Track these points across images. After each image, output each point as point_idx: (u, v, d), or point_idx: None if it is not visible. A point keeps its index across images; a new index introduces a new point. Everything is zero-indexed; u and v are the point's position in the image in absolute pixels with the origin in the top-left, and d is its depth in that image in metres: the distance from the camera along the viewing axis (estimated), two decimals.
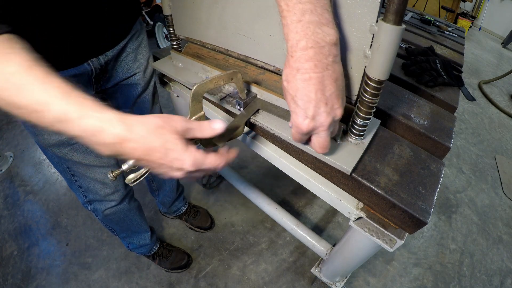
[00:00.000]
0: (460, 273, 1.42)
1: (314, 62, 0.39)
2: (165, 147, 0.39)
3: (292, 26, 0.38)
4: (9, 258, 1.38)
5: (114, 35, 0.68)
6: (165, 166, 0.41)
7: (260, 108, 0.65)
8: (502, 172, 2.01)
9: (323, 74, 0.39)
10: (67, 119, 0.36)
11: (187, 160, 0.40)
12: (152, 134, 0.38)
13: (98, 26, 0.61)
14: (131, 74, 0.79)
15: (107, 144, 0.37)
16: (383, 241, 0.59)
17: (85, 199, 0.88)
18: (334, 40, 0.39)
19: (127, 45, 0.73)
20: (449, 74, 0.89)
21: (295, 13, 0.38)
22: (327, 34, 0.38)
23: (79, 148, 0.72)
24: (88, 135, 0.37)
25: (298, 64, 0.39)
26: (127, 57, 0.76)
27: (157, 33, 2.76)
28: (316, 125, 0.43)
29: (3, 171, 1.79)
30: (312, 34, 0.38)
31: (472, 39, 4.22)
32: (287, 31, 0.39)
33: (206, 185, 1.66)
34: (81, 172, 0.79)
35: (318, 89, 0.40)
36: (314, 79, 0.39)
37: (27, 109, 0.35)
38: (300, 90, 0.40)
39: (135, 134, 0.37)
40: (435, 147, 0.66)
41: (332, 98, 0.41)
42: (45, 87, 0.35)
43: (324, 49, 0.38)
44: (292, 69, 0.40)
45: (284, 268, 1.37)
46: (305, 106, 0.41)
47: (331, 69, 0.40)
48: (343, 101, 0.44)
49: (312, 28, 0.38)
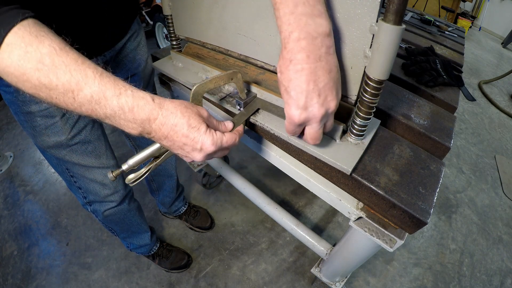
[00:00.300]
0: (460, 273, 1.42)
1: (306, 53, 0.39)
2: (189, 124, 0.42)
3: (285, 18, 0.39)
4: (9, 258, 1.38)
5: (114, 35, 0.67)
6: (187, 147, 0.43)
7: (260, 107, 0.65)
8: (502, 172, 2.01)
9: (316, 65, 0.39)
10: (103, 97, 0.37)
11: (207, 140, 0.43)
12: (179, 111, 0.42)
13: (98, 25, 0.61)
14: (130, 75, 0.79)
15: (139, 121, 0.40)
16: (383, 241, 0.59)
17: (84, 200, 0.88)
18: (327, 31, 0.39)
19: (126, 46, 0.73)
20: (449, 74, 0.89)
21: (287, 5, 0.38)
22: (319, 25, 0.38)
23: (77, 149, 0.72)
24: (122, 113, 0.39)
25: (291, 55, 0.39)
26: (126, 58, 0.75)
27: (157, 33, 2.76)
28: (309, 117, 0.43)
29: (3, 171, 1.80)
30: (305, 25, 0.38)
31: (472, 39, 4.22)
32: (280, 23, 0.40)
33: (206, 185, 1.66)
34: (80, 173, 0.79)
35: (311, 80, 0.40)
36: (306, 70, 0.39)
37: (61, 90, 0.36)
38: (292, 80, 0.40)
39: (165, 109, 0.41)
40: (435, 147, 0.66)
41: (326, 90, 0.41)
42: (80, 68, 0.36)
43: (316, 40, 0.39)
44: (285, 60, 0.40)
45: (284, 268, 1.37)
46: (297, 96, 0.41)
47: (324, 60, 0.40)
48: (338, 94, 0.44)
49: (304, 19, 0.38)
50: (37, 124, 0.63)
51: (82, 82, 0.36)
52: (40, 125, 0.63)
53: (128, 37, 0.72)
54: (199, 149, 0.44)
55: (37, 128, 0.63)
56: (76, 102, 0.37)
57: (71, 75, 0.36)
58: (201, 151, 0.44)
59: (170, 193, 1.31)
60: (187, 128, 0.42)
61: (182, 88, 0.92)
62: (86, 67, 0.37)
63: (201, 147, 0.43)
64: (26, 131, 0.66)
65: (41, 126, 0.63)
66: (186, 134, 0.42)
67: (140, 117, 0.40)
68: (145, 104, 0.40)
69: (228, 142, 0.47)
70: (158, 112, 0.41)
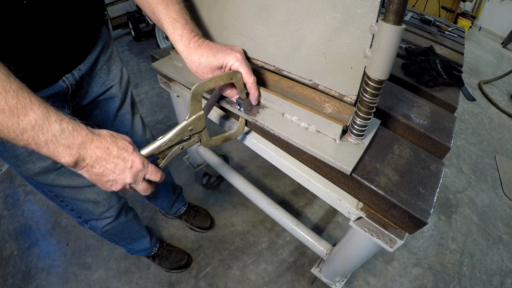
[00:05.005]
0: (460, 273, 1.42)
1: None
2: (118, 146, 0.47)
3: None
4: (9, 258, 1.38)
5: (84, 44, 0.65)
6: (118, 169, 0.47)
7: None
8: (502, 172, 2.01)
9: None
10: (47, 122, 0.39)
11: (136, 158, 0.48)
12: (108, 136, 0.46)
13: (68, 35, 0.57)
14: (107, 88, 0.77)
15: (77, 144, 0.42)
16: (383, 241, 0.59)
17: (80, 220, 0.87)
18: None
19: (99, 58, 0.71)
20: (449, 74, 0.89)
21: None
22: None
23: (65, 171, 0.69)
24: (64, 137, 0.41)
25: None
26: (101, 70, 0.73)
27: (157, 33, 2.76)
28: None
29: (3, 171, 1.79)
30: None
31: (472, 39, 4.22)
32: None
33: (206, 185, 1.66)
34: (71, 196, 0.77)
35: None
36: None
37: (7, 114, 0.37)
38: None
39: (97, 135, 0.45)
40: (435, 147, 0.66)
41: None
42: (25, 95, 0.38)
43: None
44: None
45: (284, 268, 1.36)
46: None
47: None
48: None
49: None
50: (20, 152, 0.60)
51: (28, 107, 0.38)
52: (23, 152, 0.61)
53: (100, 49, 0.70)
54: (129, 167, 0.48)
55: (19, 156, 0.61)
56: (19, 128, 0.38)
57: (18, 100, 0.37)
58: (131, 168, 0.48)
59: (167, 197, 1.31)
60: (117, 150, 0.46)
61: (182, 88, 0.92)
62: (31, 95, 0.39)
63: (131, 164, 0.48)
64: (8, 162, 0.63)
65: (23, 154, 0.61)
66: (116, 155, 0.46)
67: (78, 141, 0.43)
68: (82, 129, 0.44)
69: (152, 171, 0.51)
70: (93, 136, 0.44)
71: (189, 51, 0.57)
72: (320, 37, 0.54)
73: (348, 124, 0.58)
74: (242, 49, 0.68)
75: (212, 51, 0.56)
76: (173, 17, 0.55)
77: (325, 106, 0.60)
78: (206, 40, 0.58)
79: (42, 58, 0.54)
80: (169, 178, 1.27)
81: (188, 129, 0.55)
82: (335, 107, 0.59)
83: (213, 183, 1.70)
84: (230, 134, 0.67)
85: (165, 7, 0.55)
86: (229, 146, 1.90)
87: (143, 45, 3.08)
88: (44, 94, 0.58)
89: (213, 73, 0.59)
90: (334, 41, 0.52)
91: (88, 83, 0.71)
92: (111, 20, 2.91)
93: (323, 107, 0.60)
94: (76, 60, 0.63)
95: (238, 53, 0.57)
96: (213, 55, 0.56)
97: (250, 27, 0.64)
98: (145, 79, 2.59)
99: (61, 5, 0.52)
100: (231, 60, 0.56)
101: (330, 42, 0.53)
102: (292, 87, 0.64)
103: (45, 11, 0.49)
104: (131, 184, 0.50)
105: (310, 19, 0.53)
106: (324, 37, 0.53)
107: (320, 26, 0.53)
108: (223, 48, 0.57)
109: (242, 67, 0.57)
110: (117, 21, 2.97)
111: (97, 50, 0.69)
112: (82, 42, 0.63)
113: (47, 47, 0.53)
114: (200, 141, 0.60)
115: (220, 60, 0.56)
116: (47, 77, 0.57)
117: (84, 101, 0.73)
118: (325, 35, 0.53)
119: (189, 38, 0.56)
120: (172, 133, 0.53)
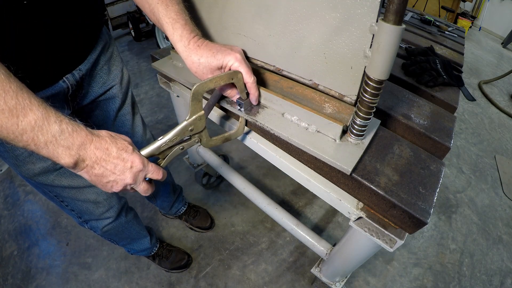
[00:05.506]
0: (460, 273, 1.42)
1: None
2: (117, 147, 0.46)
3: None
4: (9, 258, 1.38)
5: (85, 44, 0.64)
6: (118, 169, 0.46)
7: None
8: (502, 172, 2.01)
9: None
10: (47, 123, 0.39)
11: (136, 158, 0.48)
12: (107, 137, 0.46)
13: (68, 35, 0.57)
14: (108, 88, 0.77)
15: (77, 145, 0.42)
16: (383, 241, 0.59)
17: (80, 220, 0.87)
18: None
19: (100, 58, 0.71)
20: (449, 74, 0.89)
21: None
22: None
23: (65, 172, 0.69)
24: (63, 138, 0.41)
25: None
26: (101, 70, 0.73)
27: (157, 33, 2.76)
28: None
29: (3, 171, 1.79)
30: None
31: (472, 39, 4.22)
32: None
33: (206, 185, 1.66)
34: (71, 196, 0.77)
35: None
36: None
37: (7, 114, 0.37)
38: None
39: (96, 135, 0.45)
40: (435, 147, 0.66)
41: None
42: (25, 96, 0.38)
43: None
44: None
45: (284, 268, 1.36)
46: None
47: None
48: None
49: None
50: (20, 153, 0.60)
51: (27, 108, 0.38)
52: (23, 153, 0.61)
53: (100, 49, 0.70)
54: (129, 167, 0.47)
55: (20, 157, 0.61)
56: (18, 128, 0.37)
57: (17, 100, 0.37)
58: (131, 168, 0.47)
59: (167, 198, 1.31)
60: (117, 151, 0.46)
61: (182, 88, 0.92)
62: (31, 96, 0.39)
63: (131, 165, 0.47)
64: (8, 162, 0.63)
65: (24, 154, 0.61)
66: (116, 156, 0.46)
67: (78, 141, 0.42)
68: (81, 129, 0.43)
69: (153, 170, 0.51)
70: (92, 137, 0.44)
71: (189, 51, 0.57)
72: (320, 37, 0.54)
73: (348, 124, 0.58)
74: (242, 49, 0.68)
75: (212, 51, 0.56)
76: (172, 18, 0.55)
77: (325, 106, 0.60)
78: (206, 40, 0.58)
79: (42, 58, 0.54)
80: (169, 178, 1.27)
81: (188, 129, 0.55)
82: (335, 107, 0.59)
83: (213, 183, 1.70)
84: (230, 134, 0.67)
85: (165, 8, 0.55)
86: (229, 146, 1.90)
87: (143, 45, 3.09)
88: (45, 94, 0.58)
89: (213, 73, 0.59)
90: (334, 41, 0.52)
91: (88, 83, 0.71)
92: (111, 20, 2.91)
93: (323, 107, 0.60)
94: (77, 60, 0.63)
95: (237, 53, 0.57)
96: (213, 56, 0.56)
97: (250, 27, 0.64)
98: (145, 79, 2.59)
99: (61, 5, 0.52)
100: (230, 60, 0.56)
101: (330, 42, 0.53)
102: (292, 87, 0.64)
103: (45, 11, 0.49)
104: (131, 184, 0.49)
105: (310, 19, 0.53)
106: (324, 37, 0.53)
107: (320, 26, 0.53)
108: (222, 49, 0.57)
109: (242, 67, 0.57)
110: (117, 21, 2.97)
111: (98, 50, 0.69)
112: (82, 42, 0.63)
113: (47, 47, 0.53)
114: (201, 141, 0.60)
115: (219, 61, 0.56)
116: (47, 77, 0.57)
117: (85, 101, 0.73)
118: (325, 35, 0.53)
119: (189, 39, 0.56)
120: (172, 133, 0.53)
